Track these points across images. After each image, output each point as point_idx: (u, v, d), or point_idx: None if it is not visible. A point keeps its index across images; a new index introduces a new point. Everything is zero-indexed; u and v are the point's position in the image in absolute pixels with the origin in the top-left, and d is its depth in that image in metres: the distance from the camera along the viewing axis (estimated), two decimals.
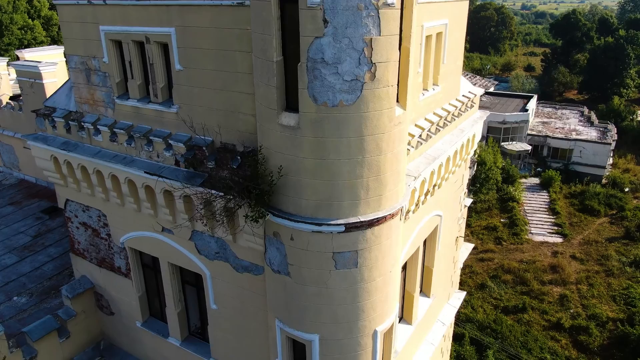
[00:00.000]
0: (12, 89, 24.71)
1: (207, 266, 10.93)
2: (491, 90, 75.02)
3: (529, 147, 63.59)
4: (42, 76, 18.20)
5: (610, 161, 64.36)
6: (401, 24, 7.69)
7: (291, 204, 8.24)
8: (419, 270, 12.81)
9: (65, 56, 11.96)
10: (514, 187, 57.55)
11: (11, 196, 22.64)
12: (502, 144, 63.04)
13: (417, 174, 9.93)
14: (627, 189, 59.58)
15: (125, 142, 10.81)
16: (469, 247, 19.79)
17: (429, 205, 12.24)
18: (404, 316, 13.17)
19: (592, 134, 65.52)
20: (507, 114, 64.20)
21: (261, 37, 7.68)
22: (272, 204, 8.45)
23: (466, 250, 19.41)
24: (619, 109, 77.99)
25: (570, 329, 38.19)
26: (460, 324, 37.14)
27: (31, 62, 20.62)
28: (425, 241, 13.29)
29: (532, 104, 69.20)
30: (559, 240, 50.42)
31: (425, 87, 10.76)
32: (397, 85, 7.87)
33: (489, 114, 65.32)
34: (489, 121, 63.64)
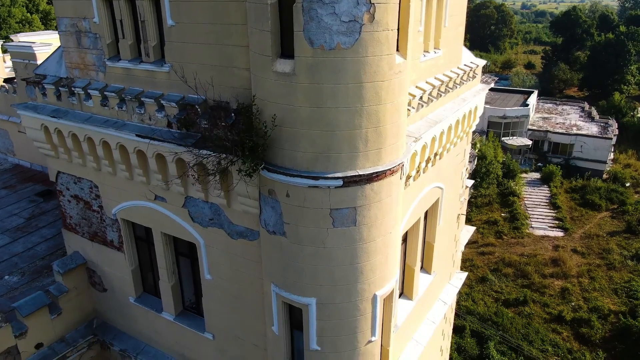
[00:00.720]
0: (7, 76, 24.41)
1: (201, 234, 10.58)
2: (491, 86, 74.61)
3: (529, 142, 63.30)
4: (36, 57, 17.81)
5: (611, 156, 64.04)
6: None
7: (287, 158, 7.89)
8: (419, 243, 12.46)
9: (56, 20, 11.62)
10: (514, 182, 57.22)
11: (5, 180, 22.30)
12: (503, 138, 62.75)
13: (418, 135, 9.59)
14: (628, 184, 59.25)
15: (116, 105, 10.47)
16: (470, 229, 19.46)
17: (430, 175, 11.91)
18: (405, 291, 12.83)
19: (593, 129, 65.19)
20: (507, 108, 63.90)
21: None
22: (267, 159, 8.11)
23: (467, 232, 19.07)
24: (619, 105, 77.67)
25: (571, 322, 37.84)
26: (461, 316, 36.78)
27: (25, 42, 20.31)
28: (426, 215, 12.95)
29: (533, 99, 68.91)
30: (560, 234, 50.09)
31: (426, 48, 10.43)
32: (397, 31, 7.54)
33: (490, 109, 65.04)
34: (489, 116, 63.39)
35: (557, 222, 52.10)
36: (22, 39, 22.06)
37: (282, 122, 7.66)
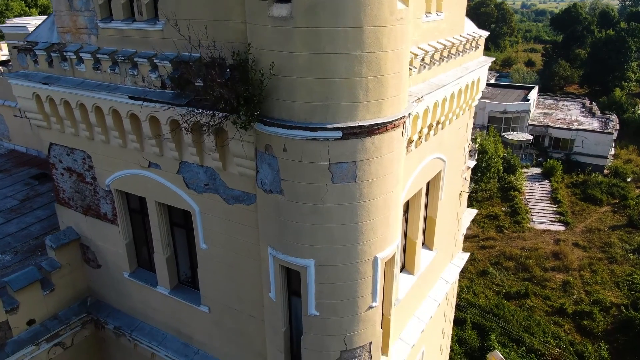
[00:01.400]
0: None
1: (196, 201, 10.26)
2: (492, 82, 74.50)
3: (530, 137, 63.00)
4: None
5: (612, 151, 63.73)
6: None
7: (284, 109, 7.57)
8: (421, 216, 12.15)
9: None
10: (515, 177, 56.89)
11: (0, 165, 21.96)
12: (503, 133, 62.43)
13: (420, 95, 9.27)
14: (629, 179, 58.92)
15: (109, 68, 10.15)
16: (472, 212, 19.15)
17: (432, 144, 11.59)
18: (406, 266, 12.51)
19: (593, 124, 64.89)
20: (508, 103, 63.58)
21: None
22: (263, 112, 7.80)
23: (469, 214, 18.77)
24: (620, 101, 77.34)
25: (573, 314, 37.50)
26: (462, 308, 36.44)
27: (20, 22, 20.03)
28: (428, 188, 12.65)
29: (533, 95, 68.60)
30: (561, 228, 49.77)
31: (428, 9, 10.12)
32: None
33: (490, 103, 64.60)
34: (489, 111, 63.10)
35: (558, 216, 51.78)
36: (17, 21, 21.79)
37: (279, 70, 7.34)
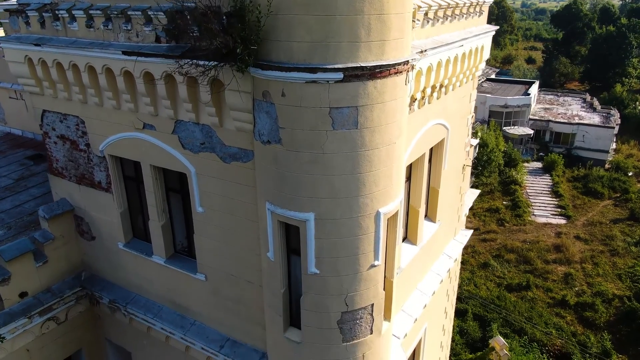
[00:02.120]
0: None
1: (192, 162, 9.94)
2: (492, 77, 74.22)
3: (531, 132, 62.72)
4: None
5: (613, 146, 63.44)
6: None
7: (282, 50, 7.25)
8: (424, 184, 11.83)
9: None
10: (516, 171, 56.59)
11: None
12: (504, 128, 62.15)
13: (424, 48, 8.95)
14: (630, 173, 58.62)
15: (102, 24, 9.82)
16: (475, 192, 18.84)
17: (435, 109, 11.29)
18: (408, 236, 12.19)
19: (595, 119, 64.63)
20: (509, 97, 63.30)
21: None
22: (261, 56, 7.48)
23: (472, 194, 18.45)
24: (621, 96, 77.05)
25: (575, 306, 37.20)
26: (463, 300, 36.10)
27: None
28: (431, 156, 12.34)
29: (534, 89, 68.33)
30: (563, 221, 49.48)
31: None
32: None
33: (491, 98, 64.30)
34: (490, 105, 62.82)
35: (559, 209, 51.49)
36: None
37: (277, 8, 7.02)
